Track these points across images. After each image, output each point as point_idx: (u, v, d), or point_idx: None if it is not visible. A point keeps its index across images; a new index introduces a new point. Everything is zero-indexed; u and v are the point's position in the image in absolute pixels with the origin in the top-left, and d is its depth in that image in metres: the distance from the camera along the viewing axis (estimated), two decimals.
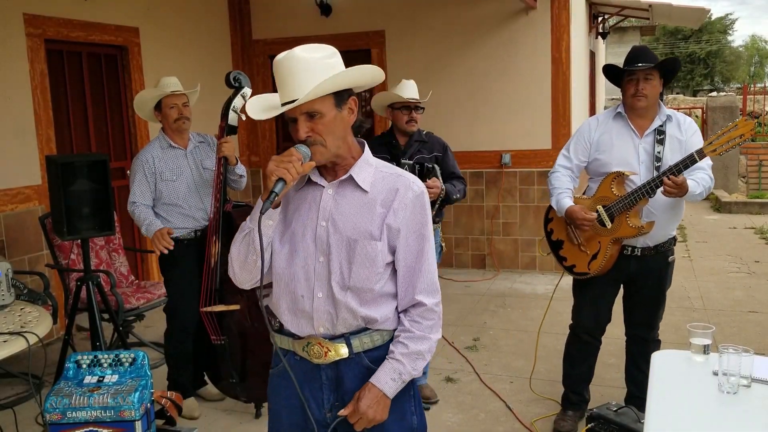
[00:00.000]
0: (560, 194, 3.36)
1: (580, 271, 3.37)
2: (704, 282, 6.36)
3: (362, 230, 1.82)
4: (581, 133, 3.41)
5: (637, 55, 3.20)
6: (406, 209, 1.83)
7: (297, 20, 7.32)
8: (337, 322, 1.84)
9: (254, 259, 1.81)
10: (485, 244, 7.03)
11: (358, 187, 1.84)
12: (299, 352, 1.89)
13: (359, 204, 1.84)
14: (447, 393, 4.07)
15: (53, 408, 2.24)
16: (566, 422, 3.53)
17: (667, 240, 3.32)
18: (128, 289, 4.61)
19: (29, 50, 4.98)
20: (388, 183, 1.86)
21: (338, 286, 1.82)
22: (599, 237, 3.26)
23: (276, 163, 1.72)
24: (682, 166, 3.03)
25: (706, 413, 1.94)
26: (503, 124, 6.81)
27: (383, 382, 1.82)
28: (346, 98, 1.81)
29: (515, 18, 6.68)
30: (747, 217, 9.95)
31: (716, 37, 34.06)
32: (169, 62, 6.21)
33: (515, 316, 5.49)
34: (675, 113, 3.32)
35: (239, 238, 1.85)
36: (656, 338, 3.49)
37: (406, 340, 1.85)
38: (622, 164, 3.24)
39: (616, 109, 3.34)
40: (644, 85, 3.17)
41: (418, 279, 1.86)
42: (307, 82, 1.71)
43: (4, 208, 4.82)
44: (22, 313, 3.09)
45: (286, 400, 1.94)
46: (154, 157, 3.72)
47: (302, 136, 1.76)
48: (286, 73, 1.74)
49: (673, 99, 20.74)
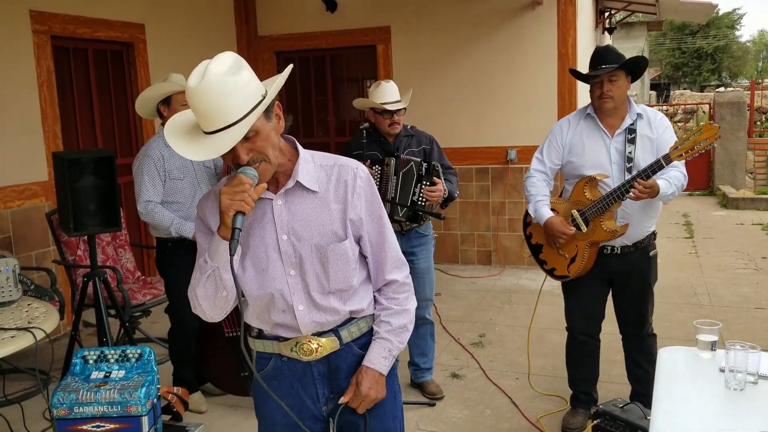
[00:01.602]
0: (538, 202, 3.36)
1: (560, 274, 3.39)
2: (711, 278, 6.34)
3: (327, 233, 1.79)
4: (553, 135, 3.41)
5: (600, 57, 3.20)
6: (361, 198, 1.83)
7: (302, 16, 7.31)
8: (324, 323, 1.84)
9: (224, 296, 1.76)
10: (491, 241, 7.02)
11: (306, 190, 1.79)
12: (286, 353, 1.87)
13: (313, 207, 1.80)
14: (453, 389, 4.07)
15: (60, 403, 2.25)
16: (576, 419, 3.53)
17: (646, 236, 3.32)
18: (135, 285, 4.63)
19: (36, 47, 4.99)
20: (334, 176, 1.82)
21: (319, 294, 1.81)
22: (576, 241, 3.27)
23: (230, 197, 1.63)
24: (650, 172, 3.04)
25: (713, 410, 1.93)
26: (509, 119, 6.79)
27: (376, 363, 1.87)
28: (271, 107, 1.71)
29: (521, 13, 6.66)
30: (754, 213, 9.90)
31: (724, 32, 33.89)
32: (174, 58, 6.21)
33: (521, 313, 5.48)
34: (646, 110, 3.31)
35: (202, 279, 1.75)
36: (651, 333, 3.47)
37: (387, 318, 1.89)
38: (594, 166, 3.25)
39: (586, 110, 3.34)
40: (609, 87, 3.16)
41: (386, 258, 1.90)
42: (237, 105, 1.60)
43: (12, 205, 4.84)
44: (29, 309, 3.10)
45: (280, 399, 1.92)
46: (163, 155, 3.65)
47: (245, 159, 1.66)
48: (209, 102, 1.59)
49: (680, 94, 20.67)
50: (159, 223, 3.61)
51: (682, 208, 10.40)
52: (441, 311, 5.47)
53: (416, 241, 3.78)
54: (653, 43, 31.44)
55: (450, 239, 7.13)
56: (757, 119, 13.62)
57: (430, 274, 3.89)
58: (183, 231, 3.59)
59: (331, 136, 7.58)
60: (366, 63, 7.26)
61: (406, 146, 3.79)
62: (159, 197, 3.64)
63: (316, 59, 7.53)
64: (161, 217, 3.59)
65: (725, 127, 11.37)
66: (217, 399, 4.00)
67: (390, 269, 1.90)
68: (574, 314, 3.52)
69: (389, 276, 1.90)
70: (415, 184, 3.61)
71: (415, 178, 3.61)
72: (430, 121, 6.73)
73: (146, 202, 3.60)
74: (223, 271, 1.71)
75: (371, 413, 1.91)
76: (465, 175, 6.86)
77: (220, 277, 1.72)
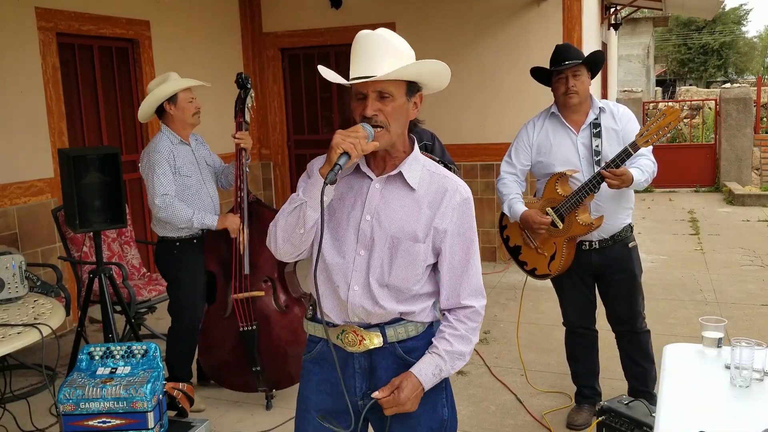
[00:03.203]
0: (512, 199, 3.38)
1: (541, 273, 3.40)
2: (717, 275, 6.32)
3: (407, 230, 1.81)
4: (520, 137, 3.46)
5: (562, 53, 3.23)
6: (453, 212, 1.83)
7: (307, 12, 7.31)
8: (372, 315, 1.84)
9: (301, 233, 1.78)
10: (496, 237, 7.01)
11: (406, 184, 1.82)
12: (333, 340, 1.87)
13: (406, 202, 1.82)
14: (457, 386, 4.07)
15: (67, 399, 2.26)
16: (581, 416, 3.53)
17: (623, 228, 3.34)
18: (140, 282, 4.64)
19: (41, 44, 5.00)
20: (436, 183, 1.84)
21: (376, 282, 1.81)
22: (554, 238, 3.29)
23: (342, 137, 1.68)
24: (619, 161, 3.08)
25: (719, 407, 1.93)
26: (514, 116, 6.76)
27: (424, 376, 1.82)
28: (415, 91, 1.81)
29: (526, 9, 6.64)
30: (760, 209, 9.86)
31: (730, 28, 33.71)
32: (179, 55, 6.22)
33: (526, 309, 5.46)
34: (608, 103, 3.36)
35: (288, 209, 1.79)
36: (645, 329, 3.46)
37: (451, 338, 1.85)
38: (563, 163, 3.28)
39: (550, 110, 3.38)
40: (574, 82, 3.21)
41: (466, 283, 1.87)
42: (388, 62, 1.71)
43: (18, 201, 4.86)
44: (35, 305, 3.12)
45: (317, 385, 1.93)
46: (172, 151, 3.64)
47: (370, 113, 1.73)
48: (370, 48, 1.73)
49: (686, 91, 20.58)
50: (179, 216, 3.55)
51: (688, 205, 10.37)
52: None
53: None
54: (659, 39, 31.32)
55: None
56: (763, 115, 13.57)
57: None
58: (206, 221, 3.60)
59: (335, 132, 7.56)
60: None
61: None
62: (173, 191, 3.60)
63: (321, 56, 7.53)
64: (181, 210, 3.56)
65: (731, 124, 11.33)
66: (222, 395, 4.01)
67: (468, 294, 1.87)
68: (568, 310, 3.56)
69: (466, 301, 1.87)
70: None
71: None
72: (434, 117, 6.72)
73: (163, 195, 3.54)
74: (308, 208, 1.73)
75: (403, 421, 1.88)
76: (470, 172, 6.86)
77: (304, 213, 1.74)
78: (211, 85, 3.95)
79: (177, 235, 3.70)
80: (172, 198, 3.56)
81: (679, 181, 11.74)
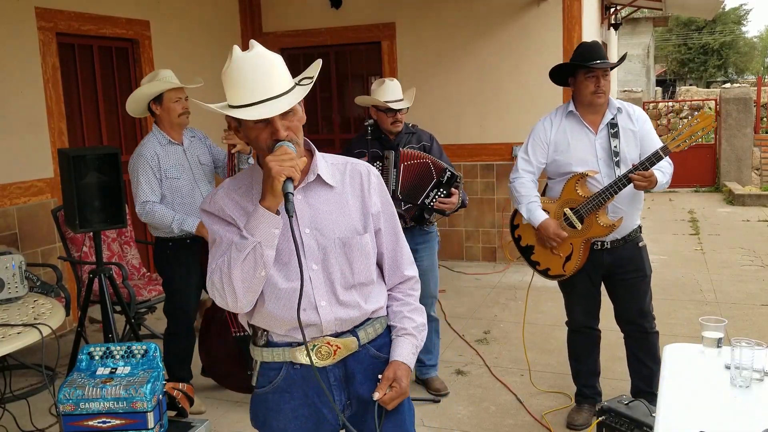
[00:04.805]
0: (531, 203, 3.35)
1: (555, 273, 3.38)
2: (717, 275, 6.32)
3: (349, 227, 1.79)
4: (537, 134, 3.40)
5: (595, 51, 3.21)
6: (375, 192, 1.85)
7: (307, 13, 7.30)
8: (345, 320, 1.81)
9: (262, 276, 1.67)
10: (496, 237, 7.01)
11: (323, 185, 1.80)
12: (299, 360, 1.80)
13: (333, 202, 1.80)
14: (457, 386, 4.07)
15: (67, 399, 2.26)
16: (581, 416, 3.53)
17: (633, 230, 3.35)
18: (140, 282, 4.64)
19: (41, 44, 5.00)
20: (347, 173, 1.85)
21: (342, 288, 1.79)
22: (570, 239, 3.28)
23: (278, 163, 1.60)
24: (648, 164, 3.08)
25: (719, 407, 1.93)
26: (514, 116, 6.78)
27: (407, 357, 1.85)
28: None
29: (527, 9, 6.64)
30: (760, 209, 9.86)
31: (730, 28, 33.71)
32: (179, 55, 6.22)
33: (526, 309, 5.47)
34: (624, 104, 3.34)
35: (239, 259, 1.64)
36: (655, 329, 3.45)
37: (410, 314, 1.91)
38: (580, 163, 3.26)
39: (568, 108, 3.35)
40: (603, 82, 3.20)
41: (402, 254, 1.92)
42: (281, 80, 1.68)
43: (17, 201, 4.85)
44: (35, 305, 3.12)
45: (293, 412, 1.84)
46: (158, 153, 3.65)
47: (284, 135, 1.66)
48: (258, 71, 1.65)
49: (686, 90, 20.58)
50: (159, 222, 3.61)
51: (688, 205, 10.37)
52: (446, 308, 5.47)
53: (420, 239, 3.78)
54: (659, 39, 31.30)
55: (455, 236, 7.12)
56: (763, 115, 13.56)
57: (434, 272, 3.89)
58: (185, 226, 3.59)
59: (335, 133, 7.58)
60: (371, 60, 7.24)
61: (406, 143, 3.81)
62: (157, 196, 3.63)
63: (321, 56, 7.47)
64: (161, 216, 3.59)
65: (731, 124, 11.32)
66: (221, 395, 4.01)
67: (406, 265, 1.93)
68: (574, 311, 3.54)
69: (407, 271, 1.93)
70: (431, 189, 3.62)
71: (433, 182, 3.62)
72: (434, 118, 6.73)
73: (143, 203, 3.60)
74: (265, 248, 1.63)
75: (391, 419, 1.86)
76: (470, 172, 6.86)
77: (261, 254, 1.63)
78: (202, 83, 3.86)
79: (169, 236, 3.71)
80: (152, 204, 3.60)
81: (679, 181, 11.73)
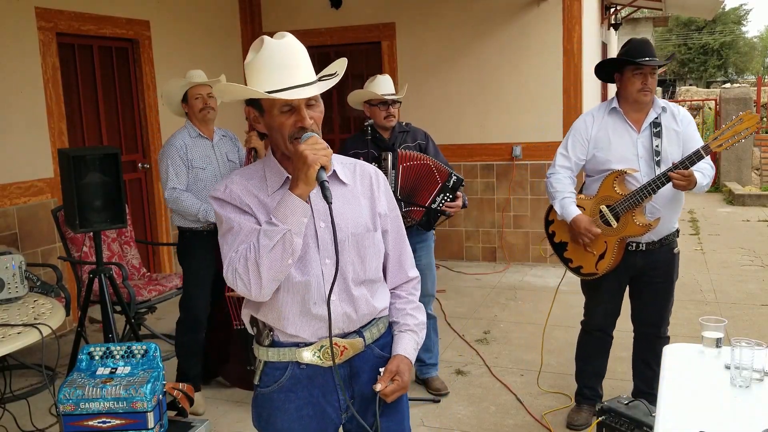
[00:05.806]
0: (564, 199, 3.31)
1: (587, 272, 3.34)
2: (717, 275, 6.32)
3: (361, 224, 1.81)
4: (577, 130, 3.36)
5: (646, 49, 3.18)
6: (384, 193, 1.89)
7: (307, 12, 7.31)
8: (354, 319, 1.81)
9: (289, 264, 1.66)
10: (496, 237, 7.01)
11: (338, 182, 1.81)
12: (306, 360, 1.79)
13: (346, 198, 1.81)
14: (457, 386, 4.07)
15: (66, 399, 2.26)
16: (580, 416, 3.52)
17: (671, 233, 3.30)
18: (140, 282, 4.64)
19: (41, 44, 5.00)
20: (357, 173, 1.88)
21: (353, 284, 1.80)
22: (605, 237, 3.23)
23: (313, 152, 1.61)
24: (689, 163, 3.03)
25: (719, 407, 1.93)
26: (514, 116, 6.78)
27: (410, 353, 1.88)
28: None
29: (527, 9, 6.64)
30: (760, 209, 9.86)
31: (730, 28, 33.72)
32: (179, 55, 6.22)
33: (526, 309, 5.47)
34: (669, 104, 3.30)
35: (267, 246, 1.61)
36: (667, 335, 3.44)
37: (413, 311, 1.94)
38: (621, 161, 3.21)
39: (611, 104, 3.31)
40: (651, 80, 3.17)
41: (406, 256, 1.96)
42: (310, 69, 1.74)
43: (17, 201, 4.85)
44: (35, 306, 3.11)
45: (297, 412, 1.83)
46: (187, 144, 3.78)
47: (309, 123, 1.70)
48: (293, 57, 1.71)
49: (686, 90, 20.58)
50: (186, 209, 3.71)
51: (688, 205, 10.36)
52: (446, 308, 5.48)
53: (418, 238, 3.79)
54: (659, 39, 31.31)
55: (455, 236, 7.12)
56: (763, 115, 13.56)
57: (431, 270, 3.92)
58: (210, 216, 3.67)
59: (335, 133, 7.57)
60: (371, 60, 7.24)
61: (401, 142, 3.81)
62: (183, 184, 3.77)
63: (321, 56, 7.51)
64: (188, 203, 3.71)
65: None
66: (222, 395, 4.02)
67: (410, 266, 1.97)
68: (595, 312, 3.49)
69: (411, 272, 1.97)
70: (437, 193, 3.63)
71: (439, 187, 3.63)
72: (434, 118, 6.74)
73: (171, 189, 3.74)
74: (294, 235, 1.63)
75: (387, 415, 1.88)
76: (470, 172, 6.86)
77: (291, 242, 1.62)
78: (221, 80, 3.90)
79: (187, 226, 3.81)
80: (180, 192, 3.73)
81: None
